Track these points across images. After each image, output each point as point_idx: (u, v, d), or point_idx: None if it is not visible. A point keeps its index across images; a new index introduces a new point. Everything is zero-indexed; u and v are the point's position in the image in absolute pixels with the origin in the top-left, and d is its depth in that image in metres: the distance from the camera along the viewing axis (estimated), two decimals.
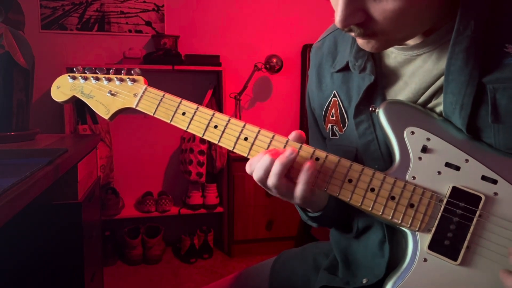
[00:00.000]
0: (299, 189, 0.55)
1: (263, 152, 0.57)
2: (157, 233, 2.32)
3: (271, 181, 0.55)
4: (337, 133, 0.68)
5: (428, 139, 0.54)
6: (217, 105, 2.40)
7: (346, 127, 0.66)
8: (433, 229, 0.52)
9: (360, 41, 0.55)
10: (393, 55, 0.62)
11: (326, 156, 0.56)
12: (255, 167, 0.57)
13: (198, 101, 2.37)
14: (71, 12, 2.27)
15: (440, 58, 0.56)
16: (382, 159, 0.60)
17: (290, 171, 0.56)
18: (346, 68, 0.66)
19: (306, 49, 2.55)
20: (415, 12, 0.49)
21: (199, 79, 2.46)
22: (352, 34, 0.53)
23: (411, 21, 0.50)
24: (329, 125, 0.69)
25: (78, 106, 2.20)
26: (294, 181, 0.56)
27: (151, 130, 2.44)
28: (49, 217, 1.21)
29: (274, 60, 2.42)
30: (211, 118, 0.61)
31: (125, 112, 0.69)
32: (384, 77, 0.62)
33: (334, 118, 0.68)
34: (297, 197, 0.56)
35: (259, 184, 0.57)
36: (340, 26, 0.50)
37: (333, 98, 0.68)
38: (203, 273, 2.17)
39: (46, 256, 1.21)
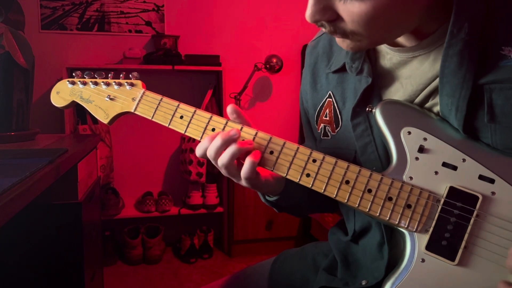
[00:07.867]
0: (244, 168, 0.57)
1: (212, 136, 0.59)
2: (157, 233, 2.32)
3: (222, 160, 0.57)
4: (329, 134, 0.68)
5: (425, 139, 0.54)
6: (217, 105, 2.40)
7: (339, 128, 0.66)
8: (431, 230, 0.52)
9: (336, 39, 0.55)
10: (388, 56, 0.61)
11: (323, 157, 0.56)
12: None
13: (198, 101, 2.38)
14: (71, 12, 2.27)
15: (437, 60, 0.55)
16: (380, 161, 0.60)
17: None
18: (342, 69, 0.65)
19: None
20: (388, 17, 0.48)
21: (199, 79, 2.46)
22: (324, 30, 0.52)
23: (385, 25, 0.49)
24: (322, 125, 0.69)
25: (78, 106, 2.20)
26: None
27: (151, 130, 2.44)
28: (49, 217, 1.21)
29: (274, 60, 2.42)
30: (209, 121, 0.62)
31: (124, 116, 0.69)
32: (380, 78, 0.61)
33: (327, 118, 0.68)
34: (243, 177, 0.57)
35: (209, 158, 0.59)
36: (309, 21, 0.50)
37: (328, 99, 0.68)
38: (203, 273, 2.17)
39: (46, 256, 1.22)
